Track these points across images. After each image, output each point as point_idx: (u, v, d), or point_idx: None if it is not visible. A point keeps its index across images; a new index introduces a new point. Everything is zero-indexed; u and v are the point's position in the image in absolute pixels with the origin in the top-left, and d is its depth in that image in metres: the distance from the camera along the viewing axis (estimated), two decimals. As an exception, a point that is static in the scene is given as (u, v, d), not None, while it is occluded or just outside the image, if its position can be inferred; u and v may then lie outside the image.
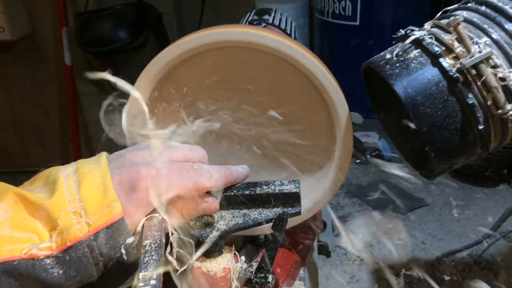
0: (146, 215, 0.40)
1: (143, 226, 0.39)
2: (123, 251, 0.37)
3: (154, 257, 0.36)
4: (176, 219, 0.43)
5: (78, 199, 0.36)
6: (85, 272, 0.36)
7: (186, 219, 0.44)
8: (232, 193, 0.48)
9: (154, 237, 0.38)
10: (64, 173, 0.38)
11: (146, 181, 0.39)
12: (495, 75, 0.43)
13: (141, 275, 0.34)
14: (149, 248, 0.36)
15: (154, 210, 0.40)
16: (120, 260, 0.37)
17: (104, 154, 0.41)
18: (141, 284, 0.33)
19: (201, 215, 0.47)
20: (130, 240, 0.37)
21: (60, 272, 0.34)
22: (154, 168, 0.40)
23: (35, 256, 0.33)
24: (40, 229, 0.35)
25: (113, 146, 0.46)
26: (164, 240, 0.39)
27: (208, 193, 0.45)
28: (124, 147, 0.45)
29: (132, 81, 0.53)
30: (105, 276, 0.38)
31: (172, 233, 0.40)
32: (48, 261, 0.34)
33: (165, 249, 0.39)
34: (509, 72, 0.43)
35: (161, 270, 0.35)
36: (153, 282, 0.33)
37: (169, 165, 0.42)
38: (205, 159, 0.46)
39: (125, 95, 0.51)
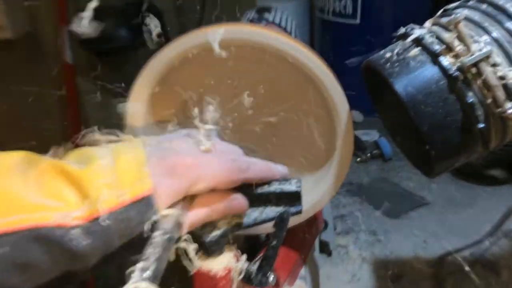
0: (169, 206, 0.39)
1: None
2: (145, 227, 0.37)
3: (157, 250, 0.36)
4: (203, 214, 0.43)
5: (111, 172, 0.36)
6: (111, 243, 0.36)
7: (212, 217, 0.44)
8: None
9: (165, 230, 0.38)
10: (99, 151, 0.38)
11: (181, 168, 0.39)
12: (495, 73, 0.43)
13: (139, 264, 0.34)
14: (158, 240, 0.36)
15: (182, 200, 0.40)
16: (141, 237, 0.37)
17: (139, 139, 0.42)
18: (136, 272, 0.33)
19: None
20: (155, 217, 0.37)
21: (88, 242, 0.34)
22: (191, 156, 0.41)
23: (64, 225, 0.33)
24: (71, 199, 0.35)
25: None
26: (176, 235, 0.39)
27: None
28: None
29: (133, 79, 0.53)
30: (125, 250, 0.37)
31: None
32: (76, 230, 0.34)
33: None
34: (509, 70, 0.43)
35: (162, 264, 0.35)
36: (148, 273, 0.33)
37: (207, 155, 0.42)
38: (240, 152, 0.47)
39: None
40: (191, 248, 0.43)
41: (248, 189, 0.47)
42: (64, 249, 0.34)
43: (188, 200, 0.42)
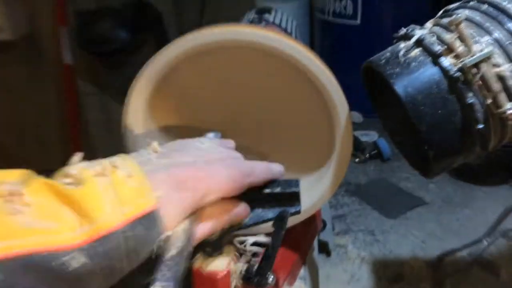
0: (179, 221, 0.38)
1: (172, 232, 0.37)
2: (155, 246, 0.35)
3: (173, 269, 0.34)
4: (210, 227, 0.42)
5: (110, 189, 0.34)
6: (117, 264, 0.33)
7: (218, 228, 0.43)
8: None
9: (178, 248, 0.36)
10: (91, 169, 0.35)
11: (191, 182, 0.38)
12: (496, 74, 0.43)
13: (158, 285, 0.33)
14: (171, 258, 0.35)
15: (190, 215, 0.39)
16: (152, 257, 0.36)
17: (128, 155, 0.39)
18: None
19: None
20: (163, 235, 0.35)
21: (89, 265, 0.32)
22: (199, 168, 0.39)
23: (61, 249, 0.30)
24: (68, 219, 0.32)
25: (114, 146, 0.46)
26: (190, 250, 0.37)
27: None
28: None
29: (131, 81, 0.53)
30: (136, 271, 0.35)
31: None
32: (75, 253, 0.31)
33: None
34: (510, 71, 0.43)
35: (179, 283, 0.34)
36: None
37: (214, 165, 0.41)
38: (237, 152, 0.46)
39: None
40: None
41: (249, 191, 0.47)
42: (62, 276, 0.31)
43: (197, 213, 0.40)
